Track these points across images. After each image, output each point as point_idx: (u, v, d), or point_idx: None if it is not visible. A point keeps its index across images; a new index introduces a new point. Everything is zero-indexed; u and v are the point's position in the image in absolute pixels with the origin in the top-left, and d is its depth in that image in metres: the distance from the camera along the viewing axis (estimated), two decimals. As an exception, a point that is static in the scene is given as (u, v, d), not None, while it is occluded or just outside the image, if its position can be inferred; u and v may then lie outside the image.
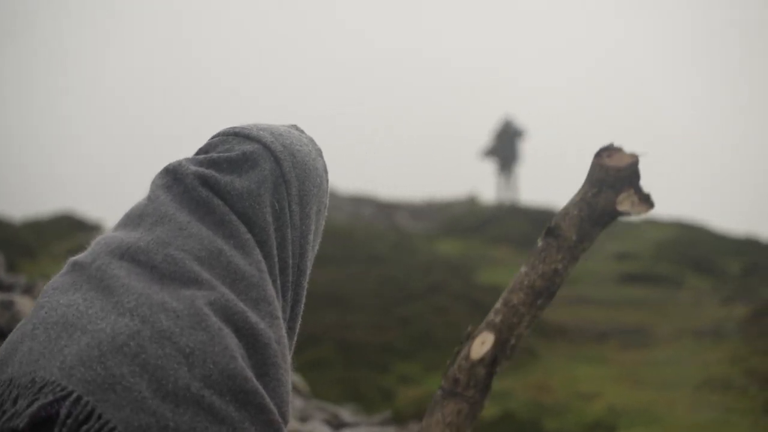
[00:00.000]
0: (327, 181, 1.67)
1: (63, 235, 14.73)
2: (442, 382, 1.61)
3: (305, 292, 1.65)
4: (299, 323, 1.66)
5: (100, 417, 1.27)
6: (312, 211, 1.61)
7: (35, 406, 1.29)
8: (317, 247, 1.69)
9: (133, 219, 1.51)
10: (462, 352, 1.50)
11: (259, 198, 1.53)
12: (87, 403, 1.27)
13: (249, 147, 1.57)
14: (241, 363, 1.38)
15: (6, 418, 1.31)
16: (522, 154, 20.08)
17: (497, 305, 1.67)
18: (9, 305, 3.91)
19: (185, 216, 1.48)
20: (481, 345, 1.46)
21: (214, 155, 1.57)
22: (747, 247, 16.33)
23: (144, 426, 1.27)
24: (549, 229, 1.68)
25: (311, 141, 1.67)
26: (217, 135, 1.62)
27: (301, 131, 1.69)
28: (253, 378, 1.40)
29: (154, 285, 1.39)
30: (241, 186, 1.52)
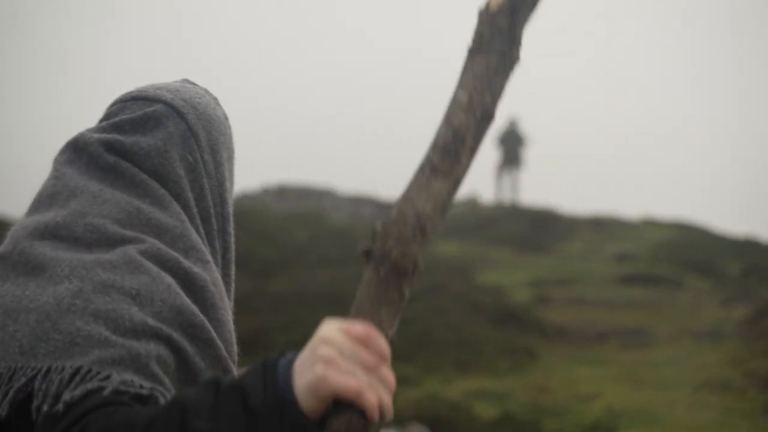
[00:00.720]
0: (230, 128, 1.68)
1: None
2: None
3: (233, 238, 1.66)
4: (234, 270, 1.67)
5: (74, 369, 1.27)
6: (223, 159, 1.63)
7: (11, 393, 1.29)
8: (233, 194, 1.70)
9: (44, 201, 1.51)
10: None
11: (167, 154, 1.54)
12: (58, 367, 1.27)
13: (150, 107, 1.58)
14: (187, 299, 1.40)
15: None
16: (524, 160, 20.11)
17: None
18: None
19: (96, 185, 1.49)
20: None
21: (116, 120, 1.58)
22: (747, 248, 16.33)
23: (116, 358, 1.28)
24: None
25: (207, 92, 1.69)
26: (115, 102, 1.63)
27: (194, 84, 1.70)
28: (200, 313, 1.41)
29: (82, 253, 1.40)
30: (147, 144, 1.53)
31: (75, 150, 1.54)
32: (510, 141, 19.82)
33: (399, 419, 6.96)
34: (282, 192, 20.96)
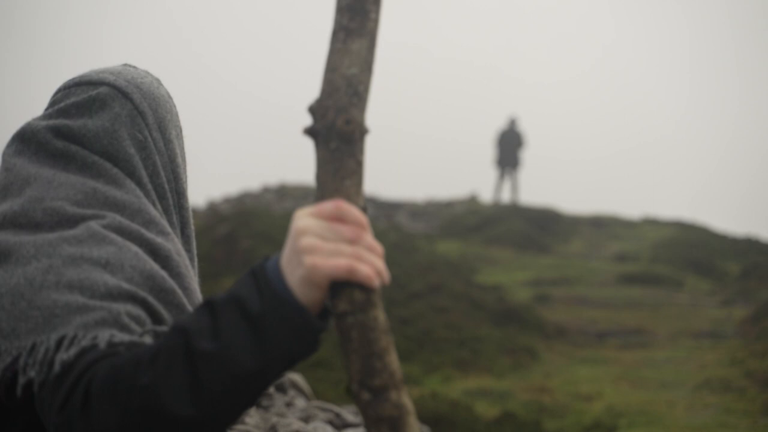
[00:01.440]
0: (175, 107, 1.70)
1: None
2: None
3: (190, 213, 1.67)
4: (195, 244, 1.68)
5: (59, 337, 1.26)
6: (172, 136, 1.64)
7: None
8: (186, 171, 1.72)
9: None
10: None
11: (116, 134, 1.55)
12: (42, 341, 1.27)
13: (94, 90, 1.59)
14: (155, 265, 1.41)
15: None
16: (523, 160, 20.13)
17: None
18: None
19: (48, 171, 1.49)
20: None
21: (61, 105, 1.58)
22: (747, 248, 16.32)
23: (98, 319, 1.28)
24: None
25: (148, 73, 1.70)
26: (59, 89, 1.64)
27: (135, 67, 1.72)
28: (169, 277, 1.42)
29: (45, 234, 1.39)
30: (95, 126, 1.54)
31: (23, 140, 1.54)
32: (509, 141, 19.82)
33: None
34: (283, 191, 20.96)
